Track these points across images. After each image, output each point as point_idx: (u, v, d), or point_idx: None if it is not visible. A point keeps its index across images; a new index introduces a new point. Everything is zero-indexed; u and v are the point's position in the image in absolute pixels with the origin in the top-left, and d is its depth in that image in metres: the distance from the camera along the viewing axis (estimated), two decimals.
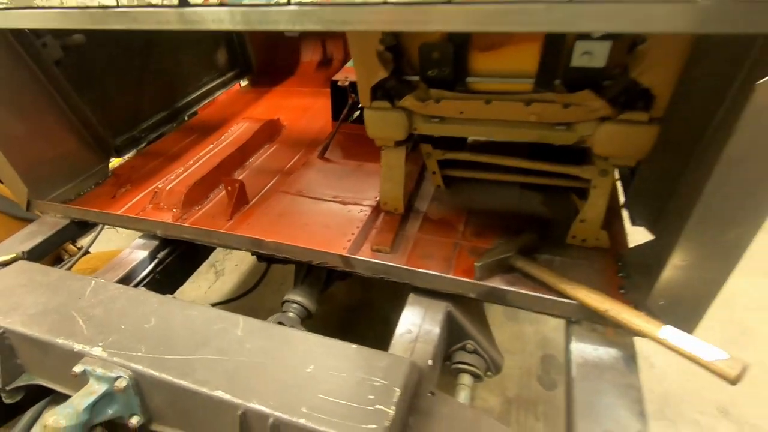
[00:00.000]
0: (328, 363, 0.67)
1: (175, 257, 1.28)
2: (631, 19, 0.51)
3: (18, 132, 1.24)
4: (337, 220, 1.18)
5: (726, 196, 0.60)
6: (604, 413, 0.72)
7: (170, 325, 0.75)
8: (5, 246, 1.19)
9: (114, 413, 0.67)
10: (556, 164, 1.03)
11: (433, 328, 0.91)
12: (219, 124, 1.81)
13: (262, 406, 0.60)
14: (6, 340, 0.77)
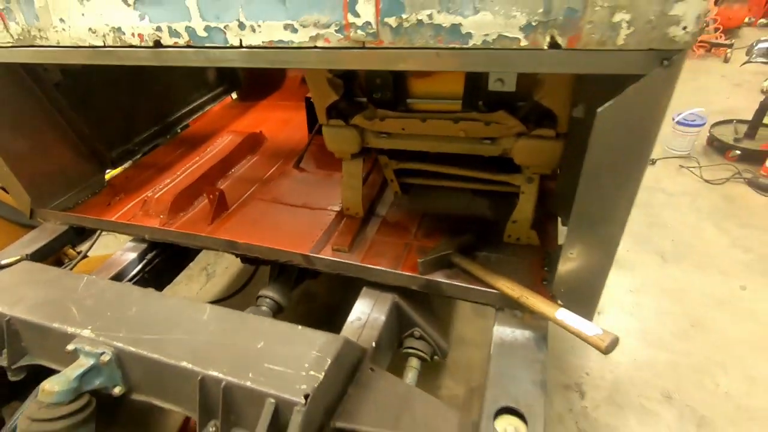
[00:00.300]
0: (276, 340, 0.81)
1: (162, 259, 1.42)
2: (498, 63, 0.65)
3: (21, 147, 1.39)
4: (305, 223, 1.32)
5: (590, 201, 0.74)
6: (511, 383, 0.85)
7: (148, 312, 0.89)
8: (11, 250, 1.34)
9: (100, 384, 0.81)
10: (492, 173, 1.17)
11: (380, 316, 1.05)
12: (208, 137, 1.96)
13: (216, 373, 0.74)
14: (12, 326, 0.91)
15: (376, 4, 0.66)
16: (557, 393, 1.63)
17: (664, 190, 2.63)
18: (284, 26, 0.72)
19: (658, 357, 1.72)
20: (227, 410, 0.75)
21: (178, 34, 0.81)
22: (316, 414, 0.74)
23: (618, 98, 0.63)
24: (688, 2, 0.53)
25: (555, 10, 0.59)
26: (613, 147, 0.68)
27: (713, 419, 1.51)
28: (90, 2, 0.84)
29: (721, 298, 1.92)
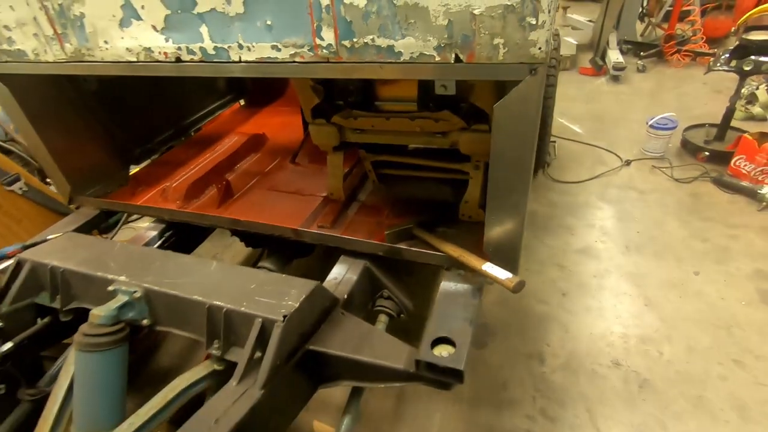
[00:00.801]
0: (265, 283, 1.06)
1: (177, 238, 1.69)
2: (422, 73, 0.91)
3: (64, 144, 1.67)
4: (297, 206, 1.58)
5: (498, 175, 0.98)
6: (448, 319, 1.08)
7: (167, 266, 1.15)
8: (54, 228, 1.62)
9: (133, 316, 1.07)
10: (448, 162, 1.42)
11: (353, 276, 1.29)
12: (217, 138, 2.24)
13: (218, 302, 0.99)
14: (65, 276, 1.18)
15: (335, 31, 0.91)
16: (519, 361, 1.85)
17: (636, 188, 2.84)
18: (271, 47, 0.99)
19: (613, 331, 1.93)
20: (227, 331, 1.00)
21: (193, 52, 1.08)
22: (292, 334, 0.98)
23: (506, 97, 0.88)
24: (539, 32, 0.78)
25: (455, 36, 0.84)
26: (507, 132, 0.92)
27: (654, 381, 1.72)
28: (128, 29, 1.12)
29: (674, 282, 2.13)
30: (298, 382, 1.05)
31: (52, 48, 1.24)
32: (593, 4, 6.56)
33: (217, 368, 1.02)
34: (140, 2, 1.05)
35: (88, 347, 0.98)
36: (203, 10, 1.00)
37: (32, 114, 1.52)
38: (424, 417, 1.68)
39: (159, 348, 2.04)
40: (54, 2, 1.14)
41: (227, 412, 0.84)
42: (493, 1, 0.79)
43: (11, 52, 1.30)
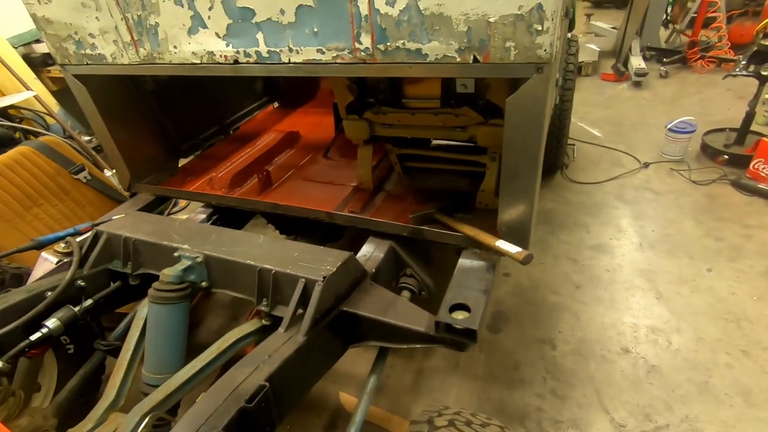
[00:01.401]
0: (307, 252, 1.23)
1: (223, 221, 1.88)
2: (446, 71, 1.07)
3: (126, 137, 1.90)
4: (330, 194, 1.75)
5: (510, 162, 1.13)
6: (464, 290, 1.23)
7: (222, 238, 1.34)
8: (119, 210, 1.83)
9: (194, 278, 1.26)
10: (466, 155, 1.57)
11: (380, 254, 1.45)
12: (254, 135, 2.44)
13: (268, 265, 1.16)
14: (135, 245, 1.38)
15: (372, 36, 1.08)
16: (533, 345, 1.97)
17: (652, 189, 2.91)
18: (316, 50, 1.16)
19: (623, 321, 2.03)
20: (275, 291, 1.18)
21: (249, 55, 1.27)
22: (329, 293, 1.15)
23: (517, 92, 1.03)
24: (544, 36, 0.93)
25: (473, 40, 0.99)
26: (518, 123, 1.07)
27: (661, 368, 1.81)
28: (195, 35, 1.32)
29: (686, 277, 2.21)
30: (332, 338, 1.21)
31: (128, 52, 1.45)
32: (617, 12, 6.60)
33: (265, 323, 1.20)
34: (207, 13, 1.25)
35: (159, 300, 1.17)
36: (261, 19, 1.18)
37: (103, 110, 1.74)
38: (441, 391, 1.81)
39: (206, 316, 2.26)
40: (134, 14, 1.35)
41: (278, 350, 1.01)
42: (505, 10, 0.94)
43: (93, 56, 1.52)
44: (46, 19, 1.50)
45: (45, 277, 1.38)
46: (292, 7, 1.13)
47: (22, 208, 1.95)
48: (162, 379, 1.11)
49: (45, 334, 1.24)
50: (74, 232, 1.59)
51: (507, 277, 2.35)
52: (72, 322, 1.30)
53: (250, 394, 0.91)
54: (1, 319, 1.19)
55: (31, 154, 2.03)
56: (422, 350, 1.99)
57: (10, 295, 1.26)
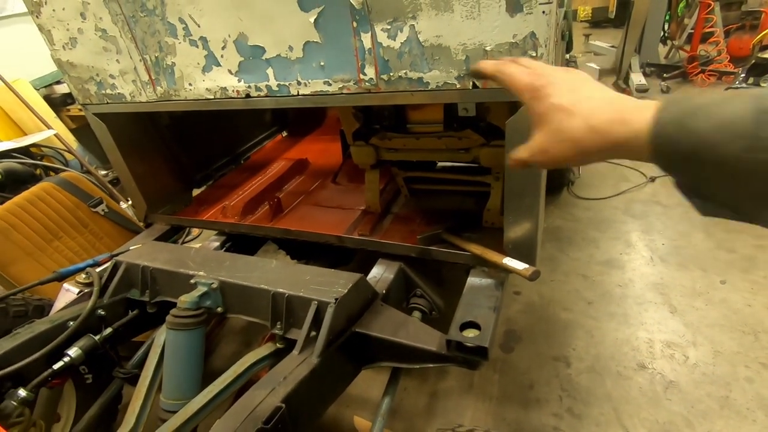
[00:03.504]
0: (318, 275, 1.26)
1: (235, 248, 1.93)
2: (446, 97, 1.12)
3: (142, 170, 1.97)
4: (339, 218, 1.80)
5: (513, 180, 1.17)
6: (474, 308, 1.24)
7: (236, 264, 1.38)
8: (135, 240, 1.90)
9: (210, 304, 1.29)
10: (471, 175, 1.61)
11: (389, 276, 1.47)
12: (264, 164, 2.52)
13: (281, 289, 1.20)
14: (153, 274, 1.42)
15: (375, 68, 1.15)
16: (547, 363, 1.96)
17: (660, 203, 2.91)
18: (323, 82, 1.23)
19: (638, 336, 2.01)
20: (288, 314, 1.21)
21: (260, 89, 1.34)
22: (342, 315, 1.17)
23: (516, 114, 1.07)
24: (542, 62, 0.98)
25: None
26: (518, 143, 1.10)
27: (679, 383, 1.78)
28: (209, 73, 1.40)
29: (699, 290, 2.19)
30: (345, 359, 1.23)
31: (146, 90, 1.54)
32: (615, 30, 6.74)
33: (279, 346, 1.22)
34: (220, 52, 1.33)
35: (177, 326, 1.21)
36: (270, 56, 1.26)
37: (121, 145, 1.83)
38: (455, 413, 1.80)
39: (220, 343, 2.28)
40: (152, 55, 1.44)
41: (292, 372, 1.03)
42: (500, 39, 1.00)
43: (113, 95, 1.61)
44: (69, 63, 1.60)
45: (67, 307, 1.43)
46: (300, 44, 1.20)
47: (43, 242, 2.02)
48: (180, 405, 1.13)
49: (67, 362, 1.27)
50: (93, 263, 1.64)
51: (518, 296, 2.35)
52: (92, 350, 1.33)
53: (267, 416, 0.93)
54: (26, 349, 1.23)
55: (52, 189, 2.12)
56: (435, 372, 1.99)
57: (35, 325, 1.30)
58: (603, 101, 0.54)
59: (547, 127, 0.58)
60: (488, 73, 0.70)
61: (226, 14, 1.24)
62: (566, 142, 0.55)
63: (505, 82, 0.66)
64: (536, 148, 0.60)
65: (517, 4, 0.94)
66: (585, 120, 0.53)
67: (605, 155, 0.53)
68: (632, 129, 0.49)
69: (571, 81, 0.59)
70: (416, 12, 1.03)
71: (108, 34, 1.46)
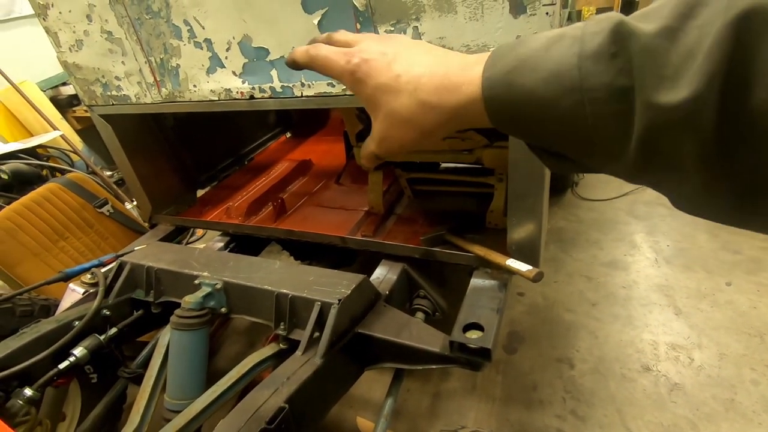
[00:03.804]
0: (322, 276, 1.27)
1: (239, 249, 1.94)
2: None
3: (147, 171, 1.99)
4: (342, 219, 1.80)
5: (516, 181, 1.17)
6: (477, 309, 1.24)
7: (240, 264, 1.38)
8: (140, 241, 1.91)
9: (214, 304, 1.30)
10: (474, 177, 1.61)
11: (392, 277, 1.48)
12: (269, 165, 2.53)
13: (285, 290, 1.20)
14: (157, 274, 1.43)
15: None
16: (550, 365, 1.95)
17: (665, 205, 2.90)
18: (327, 84, 1.23)
19: (642, 338, 2.00)
20: (291, 315, 1.21)
21: (264, 90, 1.35)
22: (345, 316, 1.18)
23: None
24: None
25: None
26: (522, 144, 1.11)
27: (684, 385, 1.77)
28: (213, 74, 1.41)
29: (704, 292, 2.18)
30: (349, 360, 1.23)
31: (150, 92, 1.55)
32: None
33: (282, 347, 1.23)
34: (225, 54, 1.34)
35: (181, 326, 1.21)
36: (274, 57, 1.26)
37: (126, 146, 1.84)
38: (459, 414, 1.80)
39: (223, 344, 2.29)
40: (157, 57, 1.45)
41: (295, 372, 1.04)
42: (503, 40, 0.99)
43: (118, 96, 1.62)
44: (76, 65, 1.62)
45: (73, 307, 1.44)
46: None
47: (49, 242, 2.03)
48: (184, 405, 1.14)
49: (72, 362, 1.28)
50: (99, 263, 1.65)
51: (521, 297, 2.34)
52: (97, 350, 1.34)
53: (271, 416, 0.93)
54: (33, 349, 1.24)
55: (58, 190, 2.13)
56: (438, 373, 1.99)
57: (41, 325, 1.32)
58: (425, 68, 0.46)
59: (380, 111, 0.50)
60: (302, 63, 0.57)
61: (231, 16, 1.25)
62: (402, 125, 0.47)
63: (321, 69, 0.54)
64: (378, 137, 0.52)
65: (521, 6, 0.94)
66: (411, 95, 0.45)
67: (450, 128, 0.46)
68: (463, 95, 0.42)
69: (387, 52, 0.49)
70: (419, 13, 1.03)
71: (114, 36, 1.47)
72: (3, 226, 1.94)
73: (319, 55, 0.54)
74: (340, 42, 0.55)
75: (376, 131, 0.52)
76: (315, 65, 0.55)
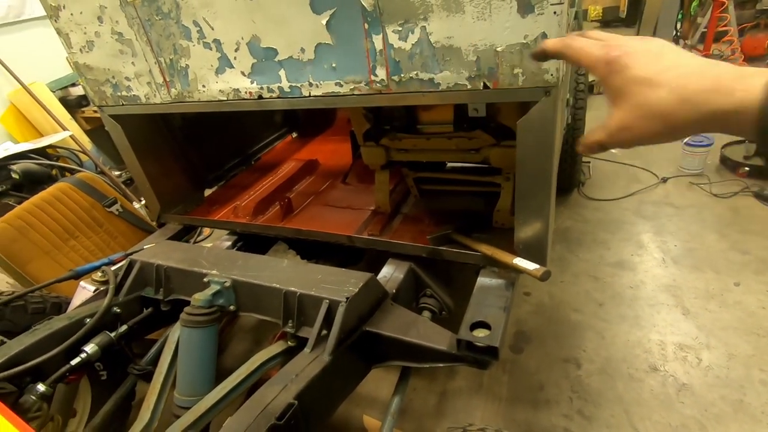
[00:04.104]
0: (330, 275, 1.28)
1: (247, 248, 1.95)
2: (457, 98, 1.12)
3: (155, 171, 2.01)
4: (349, 218, 1.81)
5: (523, 180, 1.17)
6: (484, 308, 1.25)
7: (248, 263, 1.39)
8: (149, 240, 1.93)
9: (223, 302, 1.31)
10: (481, 176, 1.61)
11: (399, 275, 1.48)
12: (275, 165, 2.54)
13: (293, 288, 1.21)
14: (167, 273, 1.45)
15: (386, 69, 1.16)
16: (557, 365, 1.95)
17: (672, 204, 2.88)
18: (335, 83, 1.24)
19: (650, 338, 1.99)
20: (300, 313, 1.22)
21: (272, 90, 1.36)
22: (353, 314, 1.19)
23: (527, 115, 1.07)
24: (550, 62, 0.98)
25: (483, 68, 1.05)
26: (529, 144, 1.11)
27: (692, 386, 1.76)
28: (222, 75, 1.42)
29: (713, 292, 2.16)
30: (356, 358, 1.24)
31: (160, 92, 1.57)
32: (626, 30, 6.66)
33: (290, 344, 1.24)
34: (233, 54, 1.35)
35: (191, 323, 1.23)
36: (283, 57, 1.27)
37: (135, 146, 1.86)
38: (465, 413, 1.80)
39: (231, 341, 2.31)
40: (166, 57, 1.47)
41: (304, 369, 1.05)
42: (512, 40, 1.00)
43: (128, 97, 1.64)
44: (86, 66, 1.64)
45: (84, 304, 1.46)
46: (312, 46, 1.21)
47: (60, 241, 2.06)
48: (193, 401, 1.15)
49: (84, 358, 1.30)
50: (108, 261, 1.67)
51: (528, 297, 2.34)
52: (108, 347, 1.36)
53: (280, 412, 0.94)
54: (45, 345, 1.26)
55: (68, 189, 2.16)
56: (445, 372, 1.99)
57: (53, 322, 1.34)
58: (692, 68, 0.49)
59: (628, 102, 0.52)
60: (553, 51, 0.62)
61: (240, 17, 1.26)
62: (653, 117, 0.50)
63: (573, 57, 0.59)
64: (616, 126, 0.54)
65: (529, 5, 0.95)
66: (673, 91, 0.48)
67: (698, 129, 0.49)
68: (735, 100, 0.44)
69: (651, 49, 0.53)
70: (427, 13, 1.04)
71: (124, 38, 1.49)
72: (14, 224, 1.97)
73: (574, 45, 0.59)
74: (593, 37, 0.60)
75: (616, 121, 0.54)
76: (567, 53, 0.60)
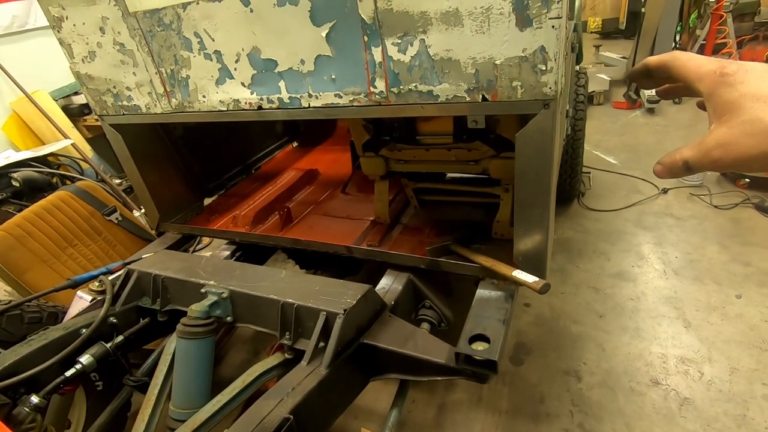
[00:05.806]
0: (327, 286, 1.27)
1: (246, 257, 1.95)
2: (455, 110, 1.13)
3: (155, 180, 2.01)
4: (348, 228, 1.80)
5: (523, 192, 1.16)
6: (483, 320, 1.23)
7: (246, 273, 1.39)
8: (147, 249, 1.92)
9: (220, 313, 1.30)
10: (480, 187, 1.61)
11: (398, 287, 1.47)
12: (275, 174, 2.55)
13: (290, 299, 1.20)
14: (164, 283, 1.44)
15: (386, 81, 1.16)
16: (557, 377, 1.93)
17: (673, 215, 2.88)
18: (334, 95, 1.25)
19: (651, 351, 1.97)
20: (297, 324, 1.21)
21: (272, 101, 1.36)
22: (350, 326, 1.17)
23: (526, 127, 1.07)
24: (548, 75, 0.99)
25: (481, 81, 1.06)
26: (528, 156, 1.11)
27: (694, 400, 1.74)
28: (222, 85, 1.43)
29: (714, 305, 2.15)
30: (354, 371, 1.22)
31: (161, 102, 1.57)
32: (625, 42, 6.72)
33: (287, 356, 1.22)
34: (234, 65, 1.36)
35: (187, 335, 1.22)
36: (283, 69, 1.28)
37: (136, 155, 1.86)
38: (465, 426, 1.78)
39: (228, 352, 2.29)
40: (167, 68, 1.48)
41: (301, 383, 1.03)
42: (510, 53, 1.00)
43: (129, 107, 1.65)
44: (88, 75, 1.65)
45: (80, 314, 1.45)
46: (312, 57, 1.22)
47: (58, 249, 2.06)
48: (189, 414, 1.14)
49: (79, 369, 1.29)
50: (106, 271, 1.66)
51: (528, 308, 2.32)
52: (104, 357, 1.35)
53: (275, 427, 0.93)
54: (40, 356, 1.25)
55: (68, 198, 2.16)
56: (444, 384, 1.97)
57: (48, 332, 1.33)
58: None
59: (737, 117, 0.50)
60: (657, 64, 0.61)
61: (240, 29, 1.27)
62: (762, 134, 0.48)
63: (681, 69, 0.57)
64: (716, 142, 0.51)
65: (527, 19, 0.95)
66: None
67: None
68: None
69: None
70: (426, 27, 1.04)
71: (125, 48, 1.50)
72: (13, 233, 1.97)
73: (683, 56, 0.57)
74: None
75: (714, 136, 0.51)
76: (676, 64, 0.58)
